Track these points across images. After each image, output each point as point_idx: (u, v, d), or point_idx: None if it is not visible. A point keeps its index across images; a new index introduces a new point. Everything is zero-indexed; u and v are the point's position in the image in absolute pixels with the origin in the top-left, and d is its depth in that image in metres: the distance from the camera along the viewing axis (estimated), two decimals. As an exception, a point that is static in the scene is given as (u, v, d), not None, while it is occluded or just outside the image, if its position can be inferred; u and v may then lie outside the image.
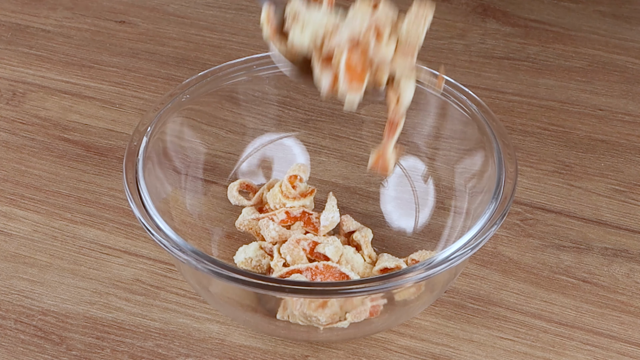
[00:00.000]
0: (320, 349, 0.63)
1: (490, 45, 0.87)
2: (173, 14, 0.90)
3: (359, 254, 0.64)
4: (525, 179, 0.74)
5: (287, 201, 0.65)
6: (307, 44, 0.57)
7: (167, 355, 0.62)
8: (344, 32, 0.57)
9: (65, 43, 0.86)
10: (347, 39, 0.56)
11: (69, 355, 0.62)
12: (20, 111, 0.79)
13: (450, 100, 0.66)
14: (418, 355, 0.62)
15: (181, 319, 0.64)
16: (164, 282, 0.66)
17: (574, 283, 0.67)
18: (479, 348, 0.63)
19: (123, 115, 0.79)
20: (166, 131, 0.65)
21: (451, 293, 0.66)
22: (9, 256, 0.68)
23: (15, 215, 0.71)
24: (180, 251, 0.57)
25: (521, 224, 0.70)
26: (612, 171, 0.75)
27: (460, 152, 0.67)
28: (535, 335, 0.63)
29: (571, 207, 0.72)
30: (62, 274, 0.67)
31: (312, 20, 0.57)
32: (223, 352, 0.62)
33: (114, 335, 0.63)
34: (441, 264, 0.56)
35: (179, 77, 0.82)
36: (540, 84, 0.82)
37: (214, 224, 0.67)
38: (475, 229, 0.58)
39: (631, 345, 0.63)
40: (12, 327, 0.63)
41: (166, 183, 0.65)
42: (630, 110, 0.80)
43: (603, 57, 0.85)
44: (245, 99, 0.69)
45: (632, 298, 0.66)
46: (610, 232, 0.70)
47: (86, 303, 0.65)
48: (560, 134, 0.78)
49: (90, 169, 0.74)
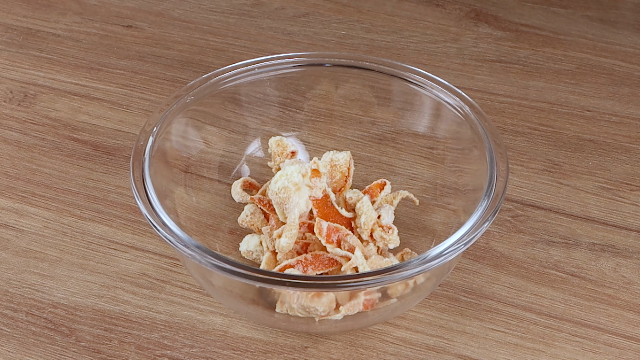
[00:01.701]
0: (319, 340, 0.63)
1: (483, 48, 0.86)
2: (178, 19, 0.89)
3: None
4: (516, 177, 0.74)
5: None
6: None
7: (172, 346, 0.62)
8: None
9: (74, 47, 0.86)
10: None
11: (78, 346, 0.62)
12: (31, 112, 0.79)
13: (444, 101, 0.66)
14: (413, 347, 0.62)
15: (186, 311, 0.64)
16: (169, 276, 0.66)
17: (563, 277, 0.67)
18: (472, 339, 0.63)
19: (130, 115, 0.79)
20: (171, 131, 0.65)
21: (445, 287, 0.66)
22: (20, 251, 0.68)
23: (27, 212, 0.71)
24: (185, 246, 0.57)
25: (512, 220, 0.70)
26: (600, 169, 0.74)
27: (454, 152, 0.67)
28: (525, 327, 0.63)
29: (560, 204, 0.72)
30: (72, 268, 0.67)
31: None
32: (226, 343, 0.62)
33: (121, 327, 0.63)
34: (435, 259, 0.56)
35: (183, 79, 0.82)
36: (530, 86, 0.82)
37: (218, 221, 0.67)
38: (468, 225, 0.58)
39: (618, 337, 0.63)
40: (23, 319, 0.64)
41: (171, 181, 0.65)
42: (616, 111, 0.80)
43: (591, 60, 0.84)
44: (247, 100, 0.69)
45: (619, 291, 0.66)
46: (598, 228, 0.70)
47: (94, 296, 0.65)
48: (549, 134, 0.77)
49: (99, 167, 0.74)
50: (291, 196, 0.61)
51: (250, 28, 0.89)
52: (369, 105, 0.71)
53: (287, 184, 0.61)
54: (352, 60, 0.69)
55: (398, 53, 0.86)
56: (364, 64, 0.69)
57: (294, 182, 0.61)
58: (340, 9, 0.90)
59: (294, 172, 0.61)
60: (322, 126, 0.70)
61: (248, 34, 0.88)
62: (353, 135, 0.72)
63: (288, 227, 0.61)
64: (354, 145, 0.71)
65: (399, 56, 0.85)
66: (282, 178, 0.61)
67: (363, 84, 0.70)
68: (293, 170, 0.61)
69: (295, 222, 0.61)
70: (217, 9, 0.91)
